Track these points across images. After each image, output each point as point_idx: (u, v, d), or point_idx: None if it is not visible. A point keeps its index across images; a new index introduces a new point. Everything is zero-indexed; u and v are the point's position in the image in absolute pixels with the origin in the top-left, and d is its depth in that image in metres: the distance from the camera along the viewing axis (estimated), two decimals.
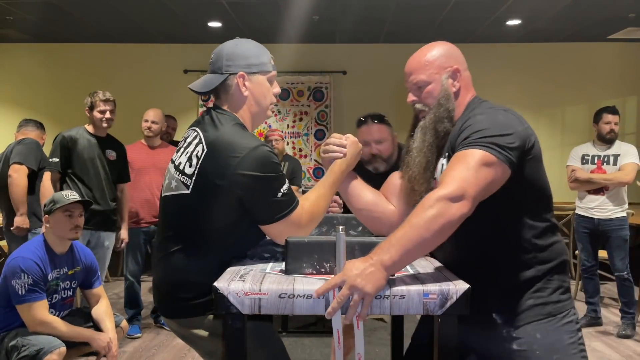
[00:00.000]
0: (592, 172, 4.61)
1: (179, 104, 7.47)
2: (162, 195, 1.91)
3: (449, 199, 1.47)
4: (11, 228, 4.28)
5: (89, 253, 3.28)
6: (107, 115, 4.07)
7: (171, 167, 1.90)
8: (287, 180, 1.77)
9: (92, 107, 4.07)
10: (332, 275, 1.55)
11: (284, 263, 1.72)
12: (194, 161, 1.76)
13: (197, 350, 1.92)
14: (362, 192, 1.97)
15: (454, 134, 1.72)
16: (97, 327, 3.09)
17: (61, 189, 3.91)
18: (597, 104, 6.78)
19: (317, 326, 4.67)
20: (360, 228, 2.10)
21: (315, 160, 7.70)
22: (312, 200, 1.82)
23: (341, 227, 1.55)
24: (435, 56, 1.79)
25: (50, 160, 3.99)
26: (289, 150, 7.51)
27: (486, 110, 1.70)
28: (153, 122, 4.61)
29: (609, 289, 5.89)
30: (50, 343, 2.78)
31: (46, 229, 3.06)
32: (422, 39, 7.37)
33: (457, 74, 1.78)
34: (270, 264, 1.79)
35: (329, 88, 7.69)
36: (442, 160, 1.75)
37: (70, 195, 3.10)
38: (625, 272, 4.53)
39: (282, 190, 1.73)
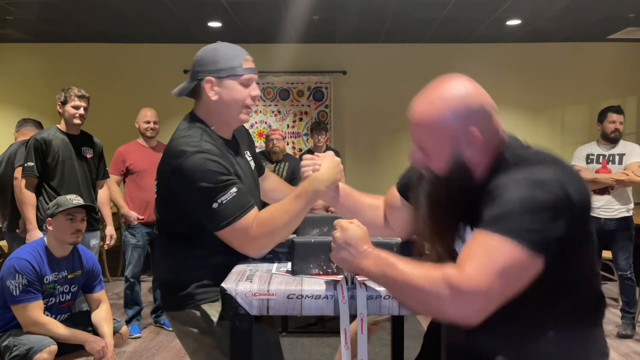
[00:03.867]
0: (597, 171, 4.60)
1: (179, 104, 7.44)
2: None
3: (458, 296, 1.22)
4: (17, 230, 4.26)
5: (92, 257, 3.26)
6: (81, 111, 3.93)
7: None
8: (231, 189, 1.71)
9: (65, 102, 3.92)
10: (339, 276, 1.55)
11: (289, 263, 1.72)
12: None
13: (185, 349, 1.93)
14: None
15: (484, 191, 1.38)
16: (97, 332, 3.09)
17: (37, 196, 3.87)
18: (597, 104, 6.80)
19: (317, 326, 4.66)
20: None
21: None
22: (269, 212, 1.77)
23: None
24: (439, 110, 1.41)
25: (26, 165, 3.85)
26: (288, 150, 7.50)
27: (522, 179, 1.33)
28: (155, 122, 4.60)
29: (609, 289, 5.89)
30: (41, 342, 2.79)
31: (48, 232, 3.06)
32: (422, 38, 7.37)
33: (473, 132, 1.40)
34: (275, 264, 1.78)
35: (329, 88, 7.69)
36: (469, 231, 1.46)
37: (75, 199, 3.09)
38: (628, 272, 4.53)
39: (220, 199, 1.68)
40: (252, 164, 2.06)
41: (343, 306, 1.45)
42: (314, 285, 1.49)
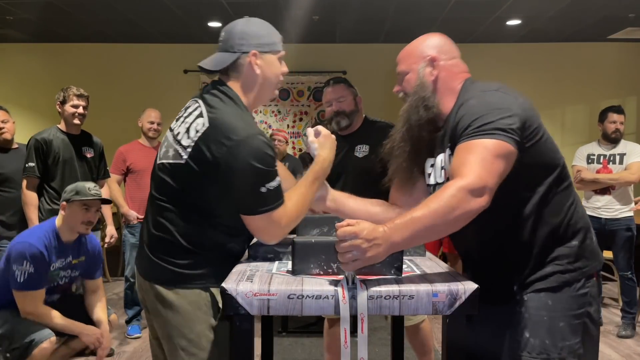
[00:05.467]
0: (598, 171, 4.60)
1: (179, 104, 7.40)
2: (158, 162, 1.89)
3: (470, 192, 1.47)
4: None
5: (97, 243, 3.26)
6: (80, 110, 3.93)
7: (169, 135, 1.90)
8: (277, 178, 1.72)
9: (64, 102, 3.92)
10: (340, 276, 1.55)
11: (289, 263, 1.72)
12: (192, 134, 1.76)
13: (158, 330, 1.90)
14: (367, 207, 2.01)
15: (451, 124, 1.70)
16: (90, 319, 3.10)
17: (38, 197, 3.86)
18: (597, 104, 6.80)
19: (317, 326, 4.65)
20: None
21: None
22: (294, 201, 1.78)
23: None
24: (415, 46, 1.84)
25: (26, 165, 3.85)
26: (288, 150, 7.50)
27: (478, 94, 1.68)
28: (158, 124, 4.61)
29: (609, 289, 5.89)
30: (41, 334, 2.81)
31: (60, 216, 3.04)
32: None
33: (434, 62, 1.78)
34: (276, 264, 1.79)
35: None
36: (442, 157, 1.75)
37: (94, 189, 3.07)
38: (629, 272, 4.53)
39: (269, 185, 1.69)
40: None
41: (343, 306, 1.45)
42: (315, 285, 1.49)
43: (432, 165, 1.81)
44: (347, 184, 2.90)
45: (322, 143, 1.98)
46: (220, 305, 1.62)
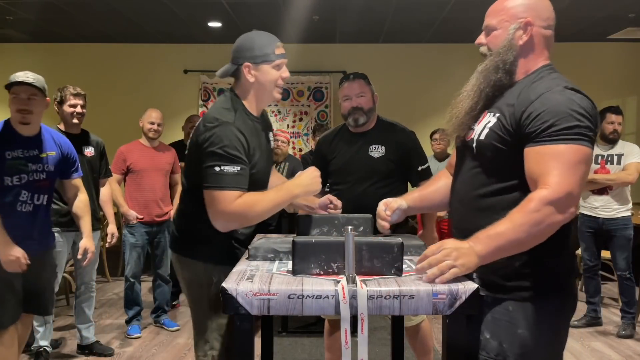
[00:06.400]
0: (595, 171, 4.61)
1: (179, 104, 7.46)
2: None
3: (554, 204, 1.48)
4: None
5: (66, 141, 3.18)
6: (78, 109, 3.89)
7: None
8: (238, 166, 1.95)
9: (61, 102, 3.89)
10: (340, 276, 1.55)
11: (289, 263, 1.72)
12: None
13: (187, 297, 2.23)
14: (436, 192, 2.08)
15: (512, 95, 1.67)
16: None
17: None
18: (597, 104, 6.76)
19: (317, 326, 4.65)
20: (361, 228, 2.10)
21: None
22: (252, 197, 1.97)
23: (350, 227, 1.55)
24: (513, 4, 1.73)
25: None
26: (289, 150, 7.50)
27: (561, 90, 1.62)
28: (159, 124, 4.60)
29: (609, 289, 5.89)
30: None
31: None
32: (422, 39, 7.37)
33: (529, 27, 1.70)
34: (276, 264, 1.79)
35: (328, 88, 7.69)
36: (490, 117, 1.70)
37: (22, 76, 2.97)
38: (627, 272, 4.54)
39: (225, 167, 1.93)
40: (272, 144, 2.34)
41: (344, 306, 1.45)
42: (315, 285, 1.49)
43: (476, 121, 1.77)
44: (357, 182, 2.90)
45: (310, 172, 2.18)
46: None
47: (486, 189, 1.68)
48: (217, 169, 1.92)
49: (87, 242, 3.25)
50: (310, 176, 2.15)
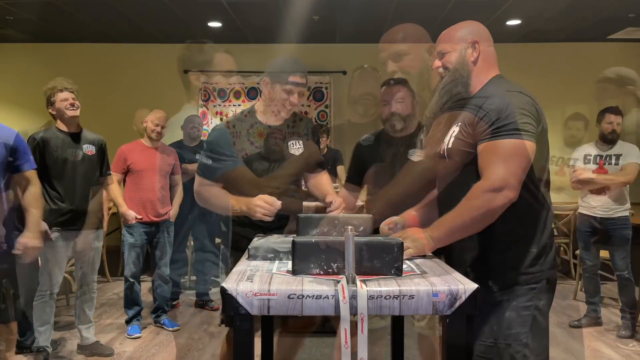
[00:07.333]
0: (594, 172, 4.60)
1: (179, 104, 7.45)
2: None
3: (492, 191, 1.73)
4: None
5: (11, 131, 3.10)
6: (70, 100, 3.88)
7: None
8: (209, 161, 2.49)
9: (53, 102, 3.91)
10: (340, 276, 1.55)
11: (289, 263, 1.72)
12: None
13: None
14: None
15: (471, 108, 1.91)
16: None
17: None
18: (597, 104, 6.79)
19: (317, 326, 4.65)
20: (361, 228, 2.11)
21: None
22: (215, 192, 2.52)
23: (350, 227, 1.55)
24: (459, 31, 2.05)
25: None
26: None
27: (502, 94, 1.88)
28: (163, 126, 4.59)
29: (609, 289, 5.89)
30: None
31: None
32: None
33: (476, 45, 2.01)
34: (276, 264, 1.79)
35: (329, 88, 7.68)
36: (454, 127, 1.95)
37: None
38: (626, 272, 4.53)
39: (203, 159, 2.51)
40: (299, 151, 2.64)
41: (344, 306, 1.45)
42: (315, 285, 1.49)
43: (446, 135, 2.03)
44: (400, 186, 2.86)
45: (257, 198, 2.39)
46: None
47: (463, 190, 1.84)
48: (198, 156, 2.38)
49: (28, 237, 3.01)
50: (254, 202, 2.36)
